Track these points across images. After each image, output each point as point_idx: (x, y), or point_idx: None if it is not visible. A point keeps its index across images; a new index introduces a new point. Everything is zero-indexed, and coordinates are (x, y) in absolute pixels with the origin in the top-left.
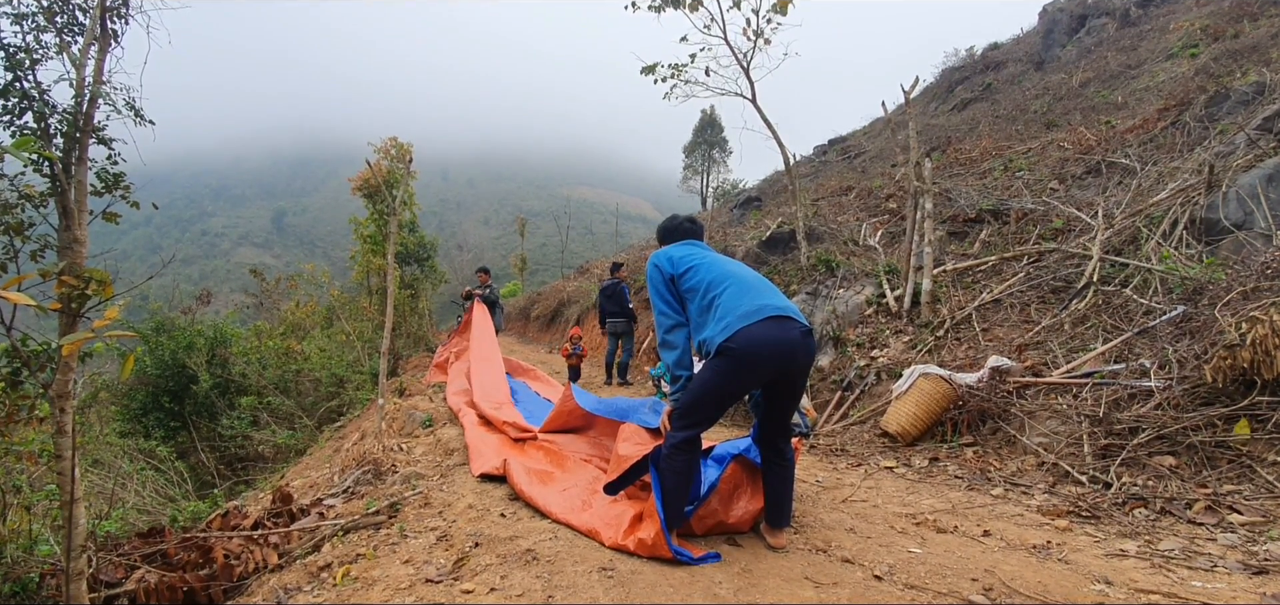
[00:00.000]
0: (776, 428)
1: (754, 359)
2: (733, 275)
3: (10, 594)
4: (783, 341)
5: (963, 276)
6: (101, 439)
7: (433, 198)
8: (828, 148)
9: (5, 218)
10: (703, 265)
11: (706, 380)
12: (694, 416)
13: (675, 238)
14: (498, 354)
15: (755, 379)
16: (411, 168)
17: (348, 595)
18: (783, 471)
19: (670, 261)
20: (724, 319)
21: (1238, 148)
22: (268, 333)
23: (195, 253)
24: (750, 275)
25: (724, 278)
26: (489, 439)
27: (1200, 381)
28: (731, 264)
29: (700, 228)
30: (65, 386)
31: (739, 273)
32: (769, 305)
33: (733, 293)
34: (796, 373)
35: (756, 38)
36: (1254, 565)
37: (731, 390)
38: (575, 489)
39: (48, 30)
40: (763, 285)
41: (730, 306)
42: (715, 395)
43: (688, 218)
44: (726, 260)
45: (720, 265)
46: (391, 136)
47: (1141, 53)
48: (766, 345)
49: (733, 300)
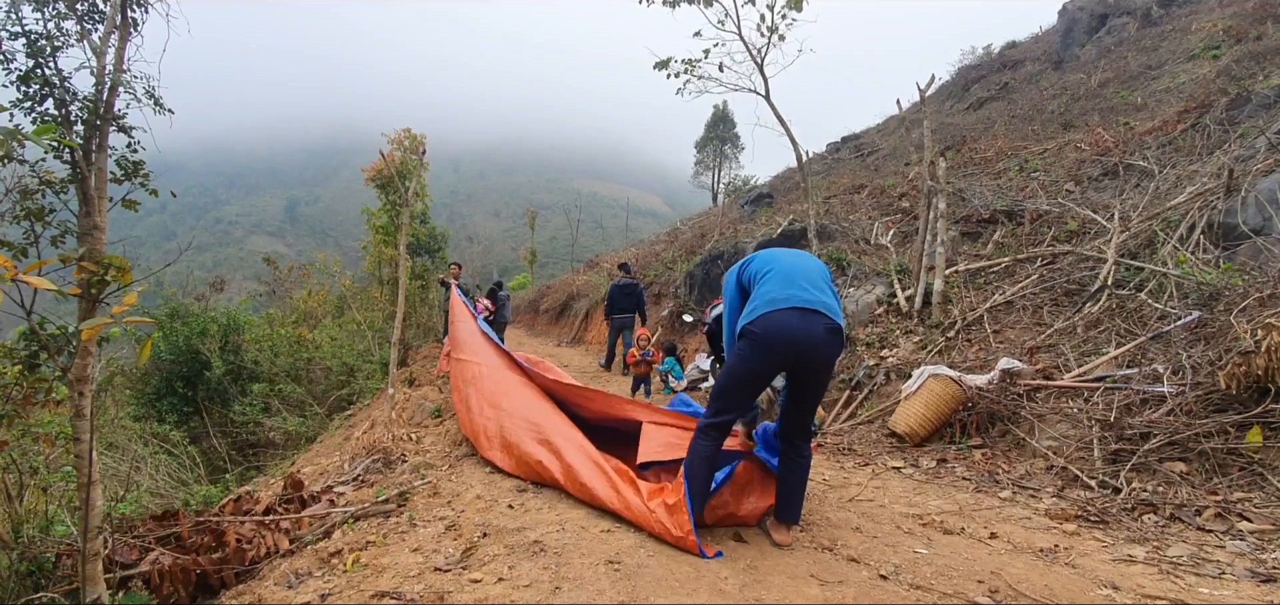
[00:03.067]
0: (797, 424)
1: (772, 342)
2: (780, 266)
3: (27, 573)
4: (803, 330)
5: (975, 277)
6: (116, 423)
7: (444, 189)
8: (841, 145)
9: (26, 203)
10: (762, 256)
11: (731, 365)
12: (724, 401)
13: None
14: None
15: (775, 363)
16: (424, 158)
17: (357, 581)
18: (799, 469)
19: (740, 264)
20: (753, 303)
21: (1258, 152)
22: (280, 321)
23: (209, 240)
24: (797, 267)
25: (771, 268)
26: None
27: (1214, 388)
28: (789, 257)
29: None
30: (84, 371)
31: (788, 265)
32: (797, 296)
33: (771, 281)
34: (818, 364)
35: (771, 33)
36: (1262, 573)
37: (754, 372)
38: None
39: (69, 18)
40: (804, 276)
41: (763, 293)
42: (739, 378)
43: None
44: (788, 253)
45: (776, 257)
46: (405, 128)
47: (1162, 53)
48: (785, 331)
49: (767, 288)
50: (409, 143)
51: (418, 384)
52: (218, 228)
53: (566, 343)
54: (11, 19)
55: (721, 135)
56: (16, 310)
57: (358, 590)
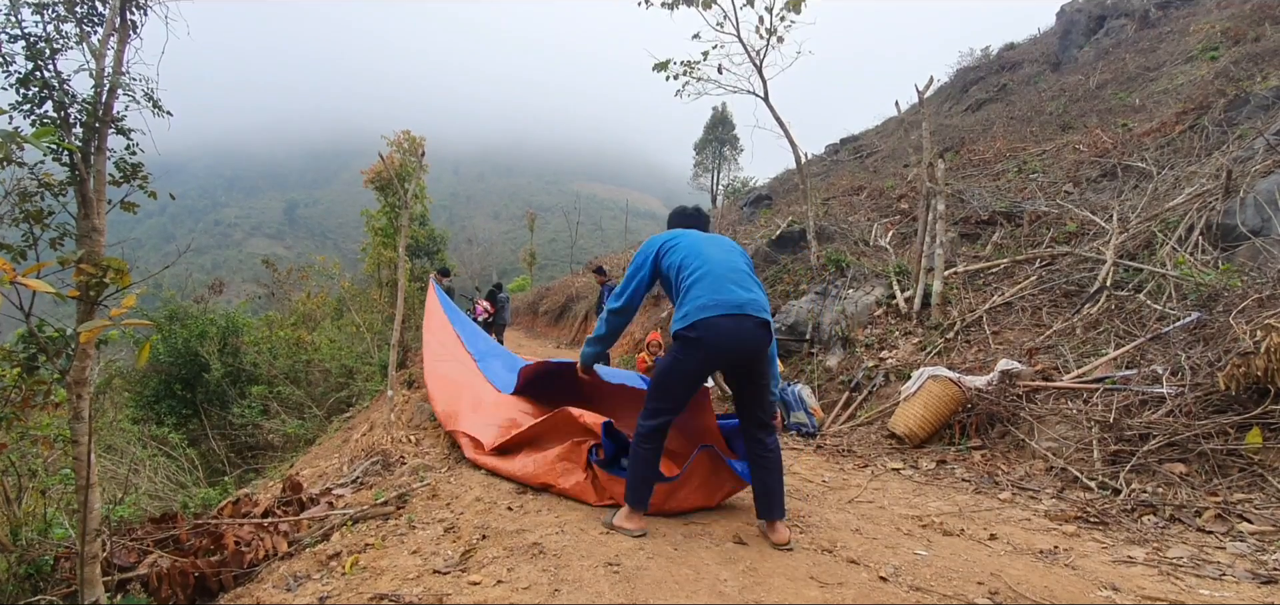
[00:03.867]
0: (750, 418)
1: (705, 345)
2: (710, 267)
3: (25, 575)
4: (735, 332)
5: (974, 278)
6: (115, 425)
7: (444, 192)
8: (840, 146)
9: (25, 206)
10: (682, 244)
11: (667, 366)
12: (661, 400)
13: (679, 223)
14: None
15: (709, 363)
16: (423, 161)
17: (356, 584)
18: (768, 462)
19: (660, 242)
20: (684, 307)
21: (1256, 153)
22: (279, 323)
23: (208, 242)
24: (722, 266)
25: (697, 266)
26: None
27: (1213, 389)
28: (711, 250)
29: (705, 219)
30: (82, 373)
31: (716, 263)
32: (727, 301)
33: (700, 285)
34: (750, 359)
35: (769, 35)
36: (1263, 574)
37: (689, 372)
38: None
39: (68, 21)
40: (730, 278)
41: (694, 298)
42: (675, 378)
43: (695, 208)
44: (708, 244)
45: (699, 251)
46: (404, 129)
47: (1160, 55)
48: (719, 333)
49: (698, 292)
50: (408, 145)
51: (417, 386)
52: (217, 230)
53: (566, 344)
54: (11, 22)
55: (720, 137)
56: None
57: (356, 593)
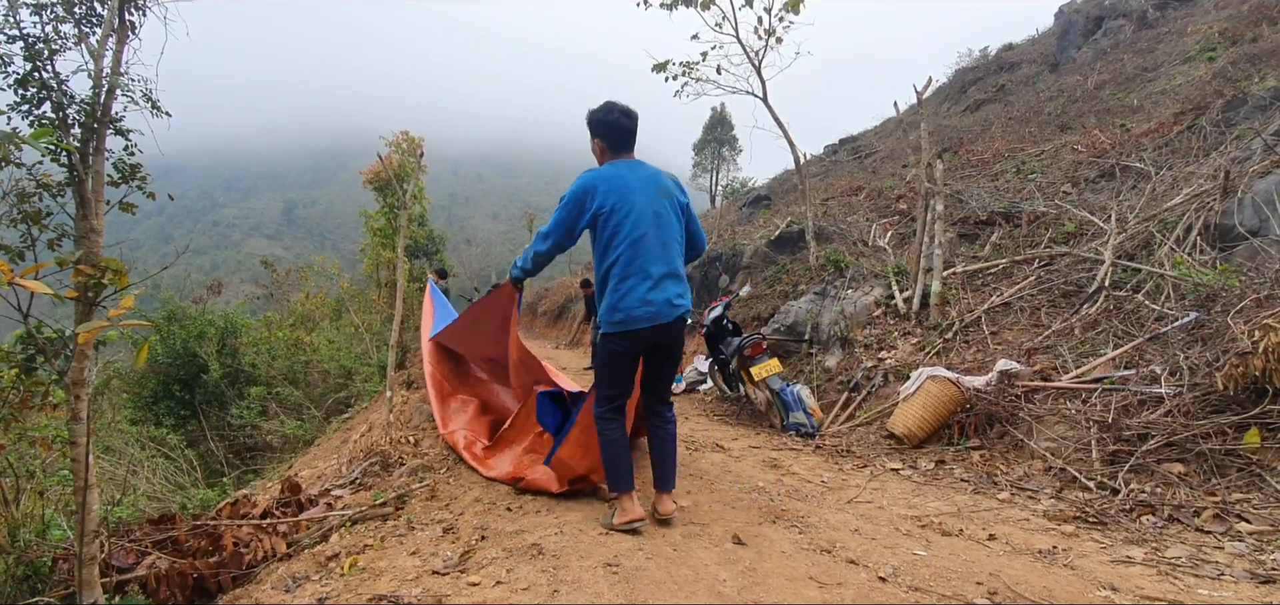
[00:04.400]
0: (654, 393)
1: (628, 339)
2: (639, 259)
3: (23, 577)
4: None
5: (973, 279)
6: (113, 426)
7: (443, 192)
8: (838, 147)
9: (23, 207)
10: (624, 227)
11: (604, 359)
12: (612, 387)
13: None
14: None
15: (635, 352)
16: (422, 161)
17: (355, 585)
18: (665, 435)
19: (598, 197)
20: (613, 301)
21: (1254, 153)
22: (277, 324)
23: (206, 243)
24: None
25: (631, 257)
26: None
27: (1211, 389)
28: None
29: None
30: (81, 374)
31: (645, 257)
32: (656, 304)
33: (630, 283)
34: (668, 347)
35: (768, 36)
36: (1261, 574)
37: (624, 359)
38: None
39: (67, 21)
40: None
41: (622, 294)
42: (615, 365)
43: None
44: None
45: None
46: (403, 130)
47: (1158, 55)
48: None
49: (626, 289)
50: (407, 145)
51: (416, 386)
52: (215, 230)
53: (564, 345)
54: (9, 22)
55: (719, 138)
56: (13, 314)
57: (355, 594)
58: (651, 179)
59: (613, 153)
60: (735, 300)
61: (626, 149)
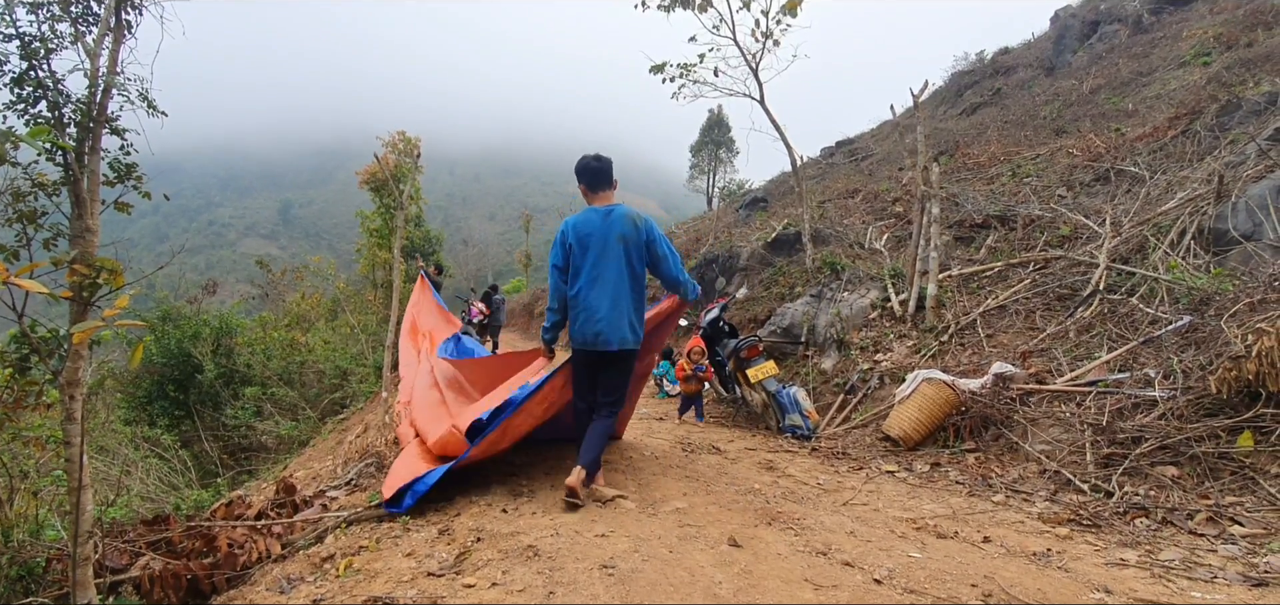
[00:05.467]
0: (599, 400)
1: (588, 357)
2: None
3: (16, 577)
4: (598, 354)
5: (968, 282)
6: (107, 426)
7: (439, 193)
8: (835, 150)
9: (19, 205)
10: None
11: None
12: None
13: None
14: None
15: (588, 369)
16: (419, 161)
17: (350, 587)
18: (595, 429)
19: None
20: (576, 324)
21: (1248, 158)
22: (273, 324)
23: (202, 243)
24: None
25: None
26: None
27: (1205, 392)
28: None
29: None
30: (75, 374)
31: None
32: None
33: (587, 316)
34: (611, 369)
35: (765, 39)
36: (1254, 577)
37: (583, 374)
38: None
39: (63, 20)
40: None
41: (580, 322)
42: (580, 381)
43: (594, 157)
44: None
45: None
46: (400, 130)
47: (1153, 60)
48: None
49: (586, 319)
50: (404, 145)
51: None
52: (211, 230)
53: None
54: (5, 21)
55: (716, 140)
56: (8, 313)
57: (350, 595)
58: (612, 225)
59: (591, 193)
60: (732, 302)
61: (603, 186)
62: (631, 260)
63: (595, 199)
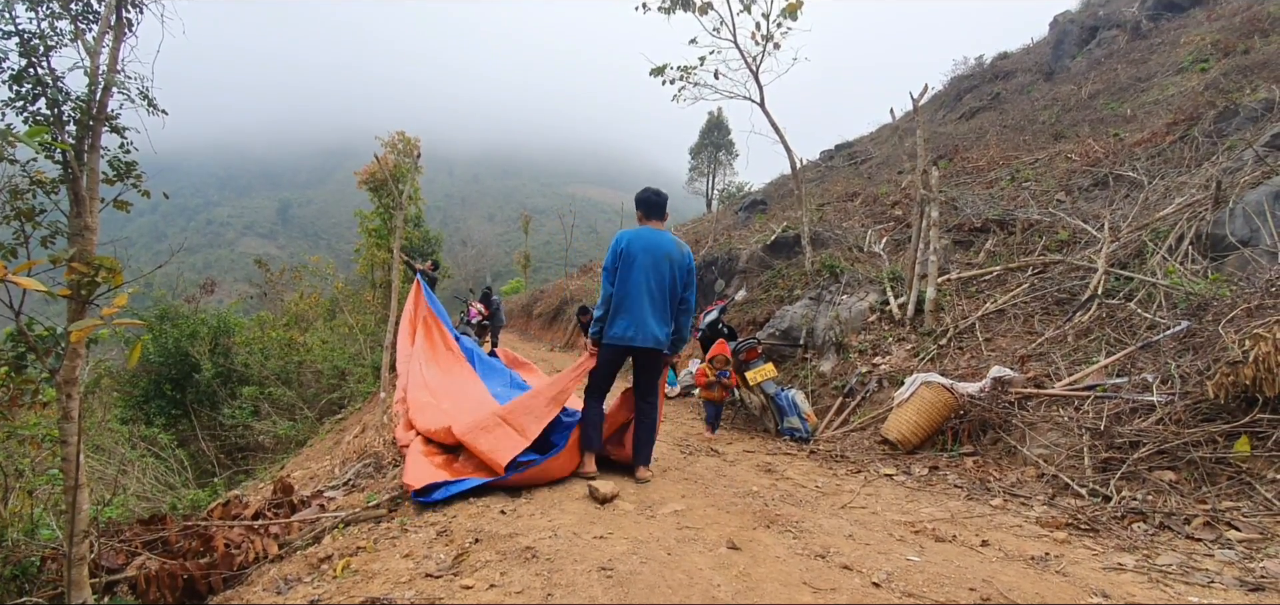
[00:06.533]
0: (640, 391)
1: (617, 352)
2: (633, 297)
3: (11, 577)
4: (635, 349)
5: (967, 285)
6: (103, 425)
7: (438, 193)
8: (834, 153)
9: (17, 203)
10: (633, 270)
11: (598, 365)
12: (593, 386)
13: (641, 207)
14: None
15: (620, 363)
16: (418, 162)
17: (348, 588)
18: (646, 421)
19: (625, 247)
20: (611, 323)
21: (1245, 164)
22: (271, 323)
23: (200, 242)
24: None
25: (628, 294)
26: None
27: (1202, 397)
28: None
29: (662, 205)
30: (72, 372)
31: (637, 297)
32: (637, 333)
33: (623, 316)
34: (647, 363)
35: (766, 41)
36: (1251, 582)
37: (608, 368)
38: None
39: (63, 17)
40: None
41: (616, 320)
42: (603, 372)
43: (654, 195)
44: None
45: (636, 279)
46: (399, 130)
47: (1151, 66)
48: (624, 343)
49: (621, 318)
50: (403, 145)
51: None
52: (209, 229)
53: (559, 348)
54: (5, 18)
55: (716, 142)
56: (5, 311)
57: (348, 596)
58: (661, 244)
59: (645, 218)
60: (731, 304)
61: (656, 216)
62: (674, 276)
63: (650, 224)
